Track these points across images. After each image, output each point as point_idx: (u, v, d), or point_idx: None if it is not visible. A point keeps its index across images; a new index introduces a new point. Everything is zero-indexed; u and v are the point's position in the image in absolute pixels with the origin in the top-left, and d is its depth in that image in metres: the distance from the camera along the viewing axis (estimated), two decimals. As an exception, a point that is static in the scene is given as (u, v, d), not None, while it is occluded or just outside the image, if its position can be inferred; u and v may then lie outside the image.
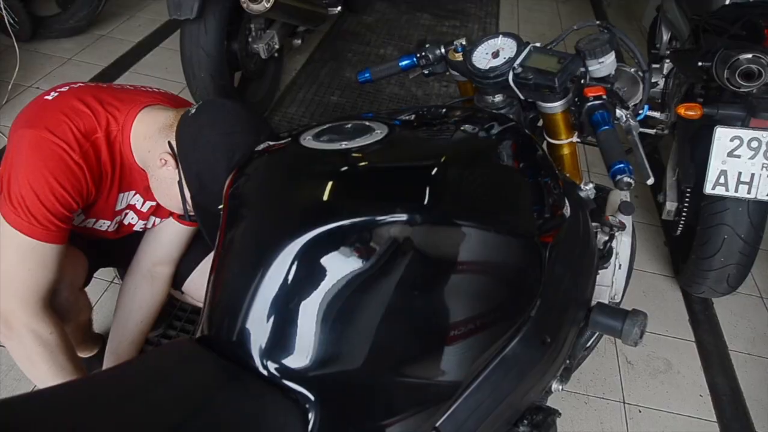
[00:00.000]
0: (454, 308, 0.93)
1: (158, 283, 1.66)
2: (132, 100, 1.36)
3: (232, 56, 2.72)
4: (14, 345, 1.29)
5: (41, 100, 1.31)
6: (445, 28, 4.25)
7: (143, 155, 1.34)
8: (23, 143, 1.24)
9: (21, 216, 1.22)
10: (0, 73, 3.23)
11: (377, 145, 0.94)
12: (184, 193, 1.29)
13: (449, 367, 0.94)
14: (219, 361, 0.83)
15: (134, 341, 1.68)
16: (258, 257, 0.85)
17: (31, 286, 1.26)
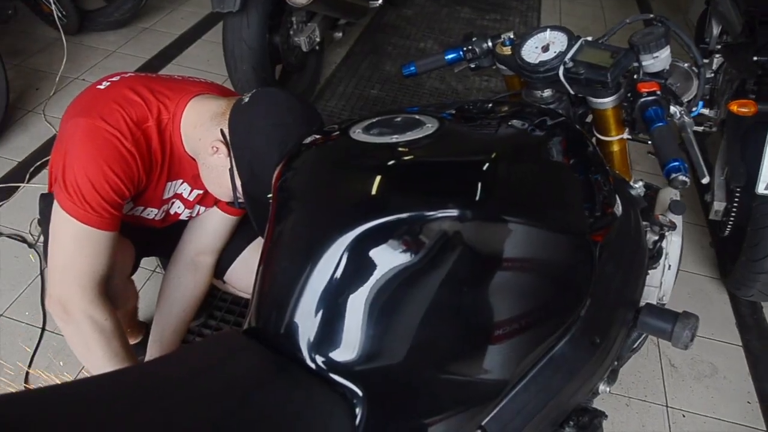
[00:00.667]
0: (503, 306, 0.92)
1: (201, 272, 1.68)
2: (182, 90, 1.37)
3: (274, 49, 2.73)
4: (71, 331, 1.31)
5: (94, 90, 1.33)
6: (485, 21, 4.21)
7: (194, 143, 1.35)
8: (77, 132, 1.26)
9: (76, 203, 1.24)
10: (48, 65, 3.30)
11: (428, 139, 0.93)
12: (234, 181, 1.30)
13: (496, 365, 0.93)
14: (267, 353, 0.83)
15: (177, 330, 1.70)
16: (307, 250, 0.84)
17: (88, 272, 1.29)
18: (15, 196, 2.53)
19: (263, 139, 1.24)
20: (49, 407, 0.71)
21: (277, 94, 1.31)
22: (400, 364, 0.85)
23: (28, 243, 2.30)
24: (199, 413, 0.70)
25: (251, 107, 1.28)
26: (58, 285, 1.29)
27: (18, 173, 2.63)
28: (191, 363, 0.81)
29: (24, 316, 2.06)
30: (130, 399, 0.72)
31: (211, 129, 1.32)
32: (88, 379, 0.84)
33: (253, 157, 1.26)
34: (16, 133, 2.87)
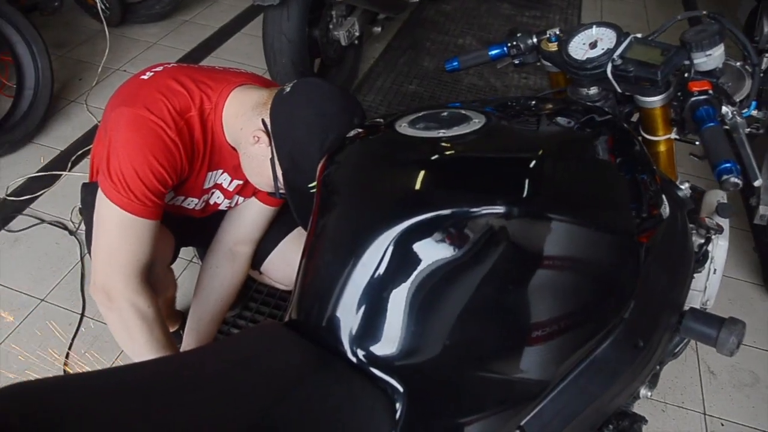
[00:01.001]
0: (545, 305, 0.90)
1: (238, 262, 1.69)
2: (224, 80, 1.38)
3: (313, 43, 2.74)
4: (114, 318, 1.33)
5: (137, 80, 1.35)
6: (525, 18, 4.16)
7: (235, 133, 1.36)
8: (121, 121, 1.27)
9: (120, 192, 1.26)
10: (91, 56, 3.36)
11: (475, 134, 0.92)
12: (275, 171, 1.30)
13: (537, 366, 0.92)
14: (308, 346, 0.83)
15: (213, 319, 1.71)
16: (352, 244, 0.84)
17: (131, 260, 1.30)
18: (57, 184, 2.58)
19: (304, 129, 1.24)
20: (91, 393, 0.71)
21: (319, 85, 1.31)
22: (441, 360, 0.85)
23: (69, 230, 2.35)
24: (240, 404, 0.70)
25: (293, 97, 1.28)
26: (101, 273, 1.30)
27: (60, 162, 2.68)
28: (232, 354, 0.82)
29: (64, 301, 2.10)
30: (171, 388, 0.72)
31: (252, 119, 1.32)
32: (129, 366, 0.84)
33: (294, 146, 1.26)
34: (59, 122, 2.92)
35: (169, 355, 1.31)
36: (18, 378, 1.85)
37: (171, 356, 1.23)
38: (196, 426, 0.66)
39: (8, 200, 2.47)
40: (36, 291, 2.12)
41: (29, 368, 1.88)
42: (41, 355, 1.92)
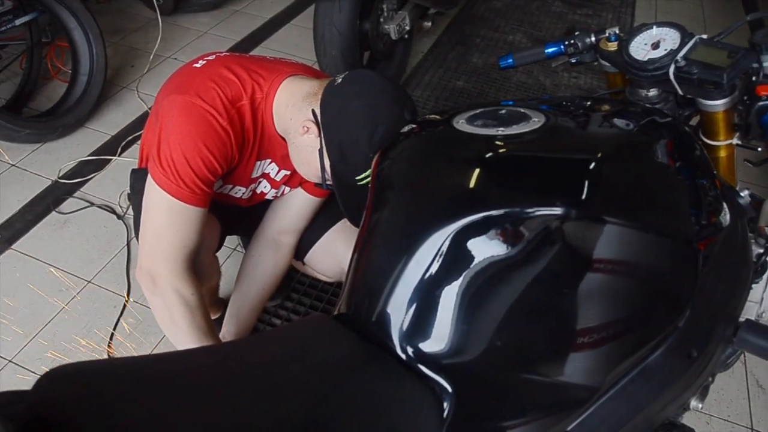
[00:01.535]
0: (598, 310, 0.88)
1: (282, 251, 1.70)
2: (276, 70, 1.38)
3: (363, 36, 2.73)
4: (158, 303, 1.34)
5: (190, 68, 1.36)
6: (576, 16, 4.09)
7: (285, 123, 1.36)
8: (173, 108, 1.28)
9: (170, 178, 1.27)
10: (144, 44, 3.41)
11: (534, 133, 0.90)
12: (323, 161, 1.30)
13: (587, 371, 0.90)
14: (358, 340, 0.82)
15: (254, 307, 1.72)
16: (406, 240, 0.83)
17: (178, 247, 1.31)
18: (107, 168, 2.62)
19: (354, 121, 1.24)
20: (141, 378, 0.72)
21: (371, 76, 1.30)
22: (490, 361, 0.84)
23: (117, 214, 2.39)
24: (289, 397, 0.70)
25: (344, 88, 1.28)
26: (148, 258, 1.32)
27: (110, 146, 2.73)
28: (281, 345, 0.81)
29: (110, 284, 2.13)
30: (219, 378, 0.72)
31: (302, 109, 1.32)
32: (178, 354, 0.85)
33: (343, 137, 1.25)
34: (111, 108, 2.98)
35: (217, 345, 1.32)
36: (64, 357, 1.89)
37: (219, 345, 1.24)
38: (244, 417, 0.66)
39: (60, 182, 2.53)
40: (83, 273, 2.17)
41: (74, 348, 1.92)
42: (86, 336, 1.96)
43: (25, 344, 1.93)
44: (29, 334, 1.96)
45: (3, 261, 2.20)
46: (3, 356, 1.89)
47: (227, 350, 0.86)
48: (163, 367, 0.74)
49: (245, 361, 0.76)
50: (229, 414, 0.65)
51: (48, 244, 2.27)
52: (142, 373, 0.73)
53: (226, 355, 0.79)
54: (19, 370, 1.86)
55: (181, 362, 0.76)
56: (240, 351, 0.82)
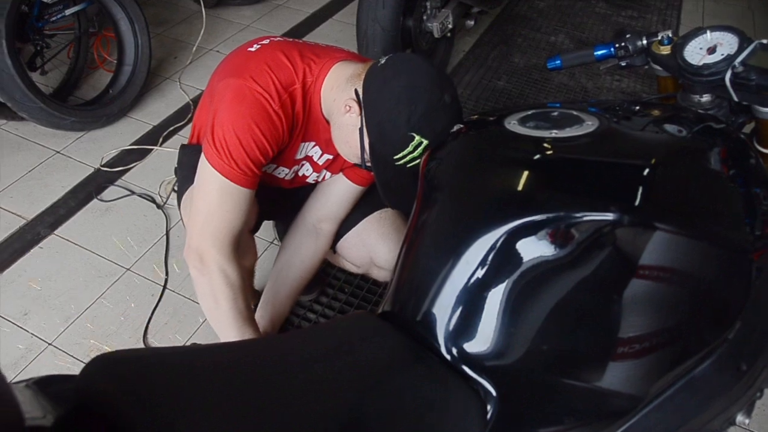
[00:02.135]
0: (646, 318, 0.87)
1: (321, 239, 1.71)
2: (327, 55, 1.42)
3: (406, 33, 2.72)
4: (204, 282, 1.37)
5: (245, 52, 1.39)
6: (621, 18, 4.02)
7: (329, 105, 1.39)
8: (228, 92, 1.31)
9: (223, 159, 1.30)
10: (187, 35, 3.45)
11: (588, 137, 0.88)
12: (363, 140, 1.32)
13: (632, 380, 0.89)
14: (403, 339, 0.82)
15: (290, 295, 1.74)
16: (456, 241, 0.82)
17: (226, 227, 1.35)
18: (148, 157, 2.66)
19: (394, 100, 1.25)
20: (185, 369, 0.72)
21: (413, 58, 1.32)
22: (535, 365, 0.83)
23: (156, 204, 2.42)
24: (333, 392, 0.70)
25: (386, 68, 1.30)
26: (197, 236, 1.35)
27: (152, 136, 2.77)
28: (325, 340, 0.81)
29: (148, 272, 2.16)
30: (263, 371, 0.73)
31: (346, 89, 1.34)
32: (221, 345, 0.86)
33: (383, 116, 1.27)
34: (154, 98, 3.01)
35: (260, 338, 1.33)
36: (101, 343, 1.92)
37: (263, 339, 1.25)
38: (289, 412, 0.66)
39: (102, 170, 2.57)
40: (122, 260, 2.20)
41: (111, 335, 1.95)
42: (123, 323, 1.98)
43: (65, 328, 1.96)
44: (69, 318, 1.99)
45: (45, 246, 2.24)
46: (43, 339, 1.93)
47: (271, 344, 0.86)
48: (206, 359, 0.75)
49: (289, 355, 0.76)
50: (274, 408, 0.65)
51: (89, 230, 2.31)
52: (187, 363, 0.74)
53: (271, 349, 0.79)
54: (58, 354, 1.89)
55: (226, 355, 0.77)
56: (284, 345, 0.82)
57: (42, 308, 2.01)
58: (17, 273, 2.13)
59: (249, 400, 0.66)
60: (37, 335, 1.94)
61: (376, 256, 1.73)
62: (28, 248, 2.22)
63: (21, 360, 1.87)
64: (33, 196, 2.44)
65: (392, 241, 1.72)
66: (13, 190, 2.46)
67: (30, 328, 1.96)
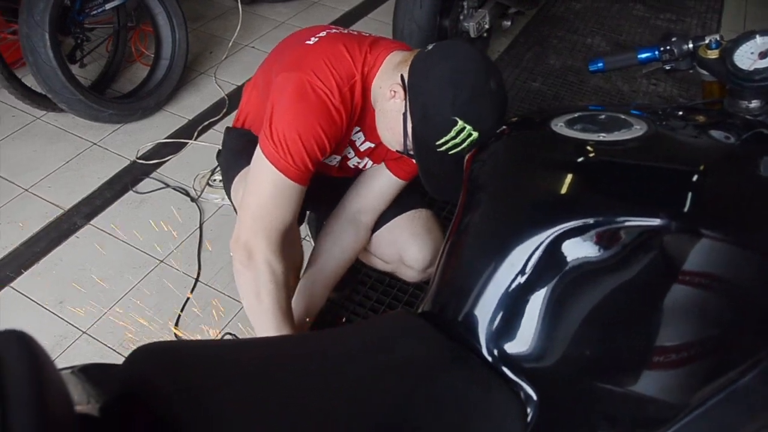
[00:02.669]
0: (690, 326, 0.86)
1: (360, 231, 1.71)
2: (382, 46, 1.42)
3: (442, 32, 2.71)
4: (249, 276, 1.37)
5: (303, 45, 1.39)
6: (659, 21, 3.97)
7: (376, 91, 1.39)
8: (288, 86, 1.31)
9: (280, 154, 1.30)
10: (223, 31, 3.47)
11: (636, 141, 0.87)
12: (406, 125, 1.31)
13: (673, 388, 0.87)
14: (444, 339, 0.82)
15: (327, 285, 1.74)
16: (501, 243, 0.82)
17: (278, 222, 1.35)
18: (183, 151, 2.68)
19: (438, 83, 1.25)
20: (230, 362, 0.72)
21: (460, 44, 1.33)
22: (577, 369, 0.82)
23: (191, 197, 2.44)
24: (377, 391, 0.70)
25: (432, 53, 1.30)
26: (247, 229, 1.35)
27: (187, 130, 2.79)
28: (367, 338, 0.81)
29: (181, 264, 2.18)
30: (308, 368, 0.73)
31: (392, 76, 1.35)
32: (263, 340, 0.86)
33: (427, 99, 1.26)
34: (189, 92, 3.04)
35: (302, 334, 1.33)
36: (134, 334, 1.94)
37: (304, 335, 1.25)
38: (332, 409, 0.66)
39: (138, 163, 2.60)
40: (156, 252, 2.22)
41: (144, 326, 1.97)
42: (155, 314, 2.00)
43: (99, 317, 1.99)
44: (103, 308, 2.01)
45: (81, 236, 2.27)
46: (78, 327, 1.95)
47: (313, 340, 0.87)
48: (248, 354, 0.75)
49: (332, 352, 0.76)
50: (317, 405, 0.65)
51: (124, 221, 2.34)
52: (229, 357, 0.74)
53: (313, 346, 0.79)
54: (92, 342, 1.91)
55: (269, 349, 0.77)
56: (326, 342, 0.82)
57: (77, 297, 2.04)
58: (53, 261, 2.17)
59: (291, 396, 0.66)
60: (72, 323, 1.96)
61: (405, 255, 1.73)
62: (64, 237, 2.26)
63: (56, 347, 1.90)
64: (70, 186, 2.48)
65: (423, 241, 1.71)
66: (51, 179, 2.50)
67: (65, 316, 1.99)
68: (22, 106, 2.75)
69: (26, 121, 2.78)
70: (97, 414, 0.59)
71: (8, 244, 2.22)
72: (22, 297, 2.04)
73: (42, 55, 2.38)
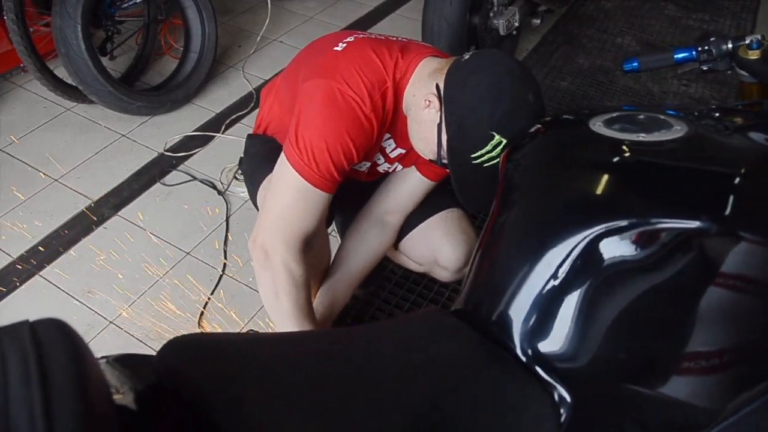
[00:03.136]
0: (727, 331, 0.84)
1: (388, 231, 1.70)
2: (414, 51, 1.38)
3: (472, 30, 2.70)
4: (267, 277, 1.36)
5: (331, 51, 1.36)
6: (691, 21, 3.91)
7: (409, 99, 1.36)
8: (317, 93, 1.28)
9: (305, 161, 1.28)
10: (252, 25, 3.49)
11: (677, 142, 0.86)
12: (441, 136, 1.29)
13: (709, 394, 0.86)
14: (480, 339, 0.81)
15: (351, 284, 1.73)
16: (537, 242, 0.81)
17: (297, 227, 1.33)
18: (210, 144, 2.70)
19: (475, 95, 1.22)
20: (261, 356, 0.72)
21: (499, 55, 1.29)
22: (611, 373, 0.81)
23: (217, 190, 2.45)
24: (413, 388, 0.69)
25: (470, 63, 1.27)
26: (266, 232, 1.34)
27: (215, 123, 2.81)
28: (401, 335, 0.81)
29: (207, 257, 2.19)
30: (342, 363, 0.73)
31: (427, 84, 1.32)
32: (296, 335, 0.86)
33: (464, 111, 1.24)
34: (218, 85, 3.06)
35: (335, 330, 1.33)
36: (159, 325, 1.96)
37: (337, 331, 1.25)
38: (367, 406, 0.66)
39: (166, 155, 2.62)
40: (182, 244, 2.24)
41: (169, 317, 1.98)
42: (181, 306, 2.02)
43: (125, 308, 2.00)
44: (129, 298, 2.03)
45: (109, 226, 2.30)
46: (105, 317, 1.97)
47: (344, 336, 0.86)
48: (282, 348, 0.75)
49: (367, 349, 0.76)
50: (353, 401, 0.65)
51: (151, 213, 2.36)
52: (261, 351, 0.74)
53: (346, 342, 0.79)
54: (119, 332, 1.93)
55: (301, 344, 0.77)
56: (359, 338, 0.82)
57: (104, 287, 2.06)
58: (82, 251, 2.19)
59: (326, 392, 0.66)
60: (99, 313, 1.98)
61: (440, 256, 1.71)
62: (92, 228, 2.28)
63: (84, 336, 1.89)
64: (98, 177, 2.50)
65: (457, 242, 1.69)
66: (80, 170, 2.53)
67: (93, 305, 2.01)
68: (53, 97, 2.78)
69: (57, 112, 2.82)
70: (132, 404, 0.59)
71: (37, 234, 2.25)
72: (51, 286, 2.07)
73: (74, 46, 2.41)
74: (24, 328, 0.47)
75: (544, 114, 1.25)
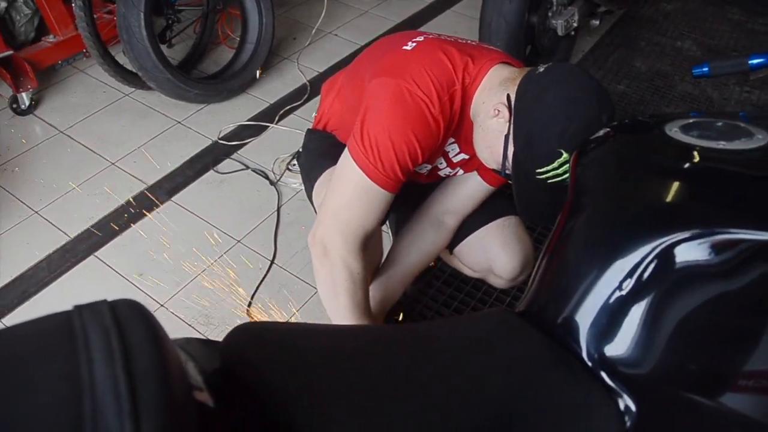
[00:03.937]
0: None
1: (443, 232, 1.69)
2: (485, 56, 1.36)
3: (529, 29, 2.66)
4: (325, 273, 1.36)
5: (400, 51, 1.34)
6: (756, 25, 3.79)
7: (477, 106, 1.34)
8: (385, 92, 1.27)
9: (369, 158, 1.27)
10: (307, 18, 3.51)
11: (760, 152, 0.83)
12: (507, 148, 1.27)
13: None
14: (546, 340, 0.80)
15: (403, 280, 1.73)
16: (608, 248, 0.79)
17: (359, 224, 1.32)
18: (263, 134, 2.72)
19: (548, 111, 1.19)
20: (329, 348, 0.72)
21: (576, 71, 1.25)
22: (679, 384, 0.79)
23: (270, 180, 2.47)
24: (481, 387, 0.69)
25: (544, 77, 1.24)
26: (325, 227, 1.34)
27: (268, 114, 2.83)
28: (466, 334, 0.80)
29: (258, 246, 2.21)
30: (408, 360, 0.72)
31: (497, 93, 1.29)
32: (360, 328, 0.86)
33: (534, 127, 1.21)
34: (272, 76, 3.08)
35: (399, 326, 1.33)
36: (210, 312, 1.98)
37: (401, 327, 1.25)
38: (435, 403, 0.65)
39: (219, 143, 2.65)
40: (234, 232, 2.26)
41: (217, 304, 2.01)
42: (230, 294, 2.04)
43: (176, 292, 2.04)
44: (180, 282, 2.07)
45: (163, 211, 2.34)
46: (156, 300, 2.01)
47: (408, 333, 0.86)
48: (346, 340, 0.75)
49: (431, 346, 0.75)
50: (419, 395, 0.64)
51: (204, 200, 2.39)
52: (326, 342, 0.74)
53: (411, 338, 0.79)
54: (169, 315, 1.97)
55: (364, 338, 0.77)
56: (423, 334, 0.82)
57: (156, 270, 2.10)
58: (135, 234, 2.24)
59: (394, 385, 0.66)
60: (150, 295, 2.02)
61: (495, 265, 1.69)
62: (146, 212, 2.32)
63: (136, 318, 1.95)
64: (153, 162, 2.55)
65: (514, 252, 1.67)
66: (136, 155, 2.58)
67: (144, 288, 2.05)
68: (113, 82, 2.85)
69: (116, 98, 2.88)
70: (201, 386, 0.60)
71: (94, 214, 2.30)
72: (105, 266, 2.12)
73: (136, 34, 2.45)
74: (104, 307, 0.47)
75: None
